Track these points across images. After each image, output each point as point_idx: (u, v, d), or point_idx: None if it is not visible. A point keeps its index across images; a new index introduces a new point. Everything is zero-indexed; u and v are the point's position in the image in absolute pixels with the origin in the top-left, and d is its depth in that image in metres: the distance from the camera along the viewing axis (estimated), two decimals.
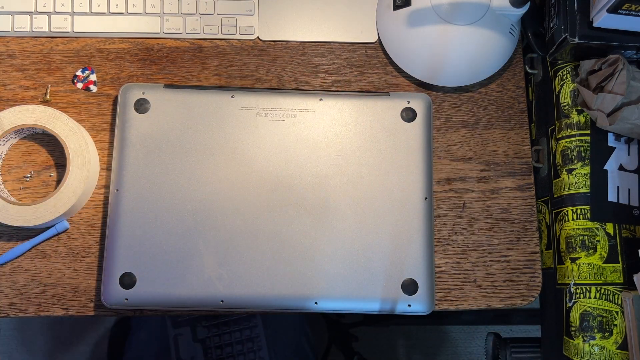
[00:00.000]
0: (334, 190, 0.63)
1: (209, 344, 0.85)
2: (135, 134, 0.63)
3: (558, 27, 0.61)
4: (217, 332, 0.86)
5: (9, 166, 0.66)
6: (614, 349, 0.58)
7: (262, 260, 0.61)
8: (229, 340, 0.86)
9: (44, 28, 0.68)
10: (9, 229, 0.64)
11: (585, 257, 0.60)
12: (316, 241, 0.61)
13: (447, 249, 0.66)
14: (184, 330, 0.85)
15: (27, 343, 1.44)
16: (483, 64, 0.67)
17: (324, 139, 0.64)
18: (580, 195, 0.62)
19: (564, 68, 0.65)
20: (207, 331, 0.86)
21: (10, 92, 0.67)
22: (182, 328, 0.85)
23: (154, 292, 0.60)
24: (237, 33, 0.69)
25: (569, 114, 0.63)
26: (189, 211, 0.61)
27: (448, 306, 0.65)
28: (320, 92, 0.66)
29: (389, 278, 0.61)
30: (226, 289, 0.60)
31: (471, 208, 0.67)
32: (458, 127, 0.69)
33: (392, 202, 0.62)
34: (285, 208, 0.62)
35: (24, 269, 0.64)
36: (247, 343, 0.86)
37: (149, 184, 0.62)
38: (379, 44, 0.70)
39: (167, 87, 0.64)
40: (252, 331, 0.86)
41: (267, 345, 0.85)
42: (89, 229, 0.64)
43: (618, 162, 0.62)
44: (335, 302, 0.61)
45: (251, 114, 0.64)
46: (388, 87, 0.69)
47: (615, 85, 0.58)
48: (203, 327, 0.85)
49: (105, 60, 0.68)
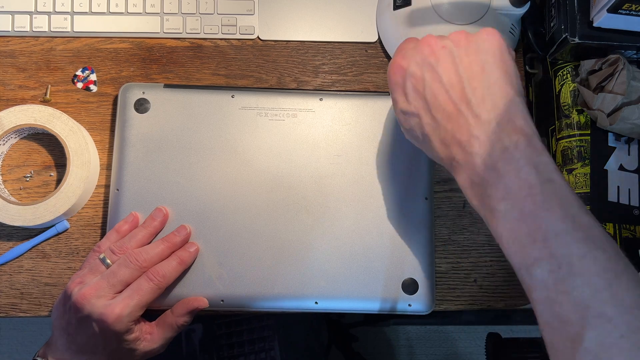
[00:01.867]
0: (334, 190, 0.63)
1: (220, 342, 0.85)
2: (136, 134, 0.63)
3: (558, 27, 0.61)
4: (229, 330, 0.86)
5: (9, 166, 0.66)
6: None
7: (262, 260, 0.61)
8: (241, 339, 0.86)
9: (44, 28, 0.68)
10: (9, 229, 0.64)
11: None
12: (316, 241, 0.61)
13: (447, 249, 0.66)
14: (196, 327, 0.85)
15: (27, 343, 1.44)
16: None
17: (325, 138, 0.64)
18: (581, 195, 0.62)
19: (564, 68, 0.65)
20: (219, 328, 0.86)
21: (10, 92, 0.67)
22: (195, 324, 0.85)
23: None
24: (237, 33, 0.69)
25: (569, 114, 0.63)
26: (189, 211, 0.61)
27: (448, 306, 0.65)
28: (320, 91, 0.66)
29: (389, 278, 0.61)
30: (226, 289, 0.60)
31: (471, 208, 0.67)
32: None
33: (393, 202, 0.62)
34: (285, 207, 0.62)
35: (24, 269, 0.64)
36: (259, 342, 0.86)
37: (149, 183, 0.62)
38: (379, 44, 0.70)
39: (167, 87, 0.64)
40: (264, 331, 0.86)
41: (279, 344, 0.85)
42: (89, 229, 0.64)
43: (618, 162, 0.62)
44: (335, 302, 0.61)
45: (251, 113, 0.64)
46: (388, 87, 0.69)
47: (616, 85, 0.58)
48: (215, 324, 0.86)
49: (105, 60, 0.68)
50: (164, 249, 0.58)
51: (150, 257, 0.56)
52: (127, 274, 0.55)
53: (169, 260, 0.58)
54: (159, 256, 0.57)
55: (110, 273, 0.55)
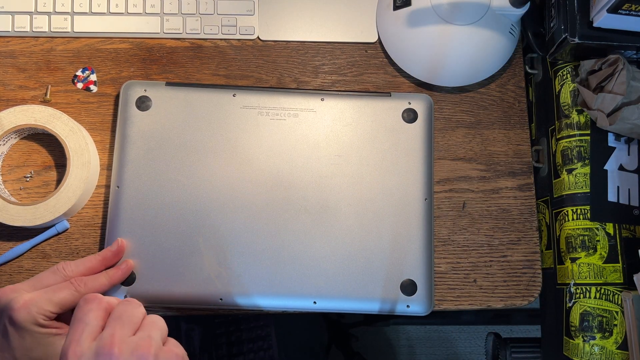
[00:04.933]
0: (334, 190, 0.63)
1: (220, 341, 0.85)
2: (137, 132, 0.63)
3: (558, 27, 0.61)
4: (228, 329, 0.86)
5: (9, 166, 0.66)
6: (614, 349, 0.58)
7: (261, 259, 0.61)
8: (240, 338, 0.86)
9: (44, 28, 0.68)
10: (9, 229, 0.64)
11: (585, 257, 0.60)
12: (316, 241, 0.61)
13: (447, 249, 0.66)
14: (195, 326, 0.85)
15: None
16: (483, 64, 0.67)
17: (325, 138, 0.64)
18: (580, 195, 0.62)
19: (564, 68, 0.65)
20: (218, 328, 0.86)
21: (10, 92, 0.67)
22: (194, 323, 0.85)
23: (154, 289, 0.60)
24: (237, 33, 0.69)
25: (569, 114, 0.63)
26: (189, 209, 0.61)
27: (448, 306, 0.65)
28: (321, 91, 0.66)
29: (388, 278, 0.61)
30: (225, 288, 0.60)
31: (471, 208, 0.67)
32: (458, 127, 0.69)
33: (392, 203, 0.62)
34: (285, 207, 0.62)
35: (24, 269, 0.64)
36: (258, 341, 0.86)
37: (150, 181, 0.62)
38: (379, 44, 0.70)
39: (169, 85, 0.64)
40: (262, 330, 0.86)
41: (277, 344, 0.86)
42: (89, 229, 0.64)
43: (618, 162, 0.62)
44: (334, 302, 0.61)
45: (252, 112, 0.64)
46: (388, 87, 0.69)
47: (615, 85, 0.58)
48: (215, 323, 0.86)
49: (105, 60, 0.68)
50: (95, 262, 0.58)
51: (79, 270, 0.57)
52: (51, 280, 0.55)
53: (98, 276, 0.58)
54: (89, 270, 0.58)
55: (35, 277, 0.55)
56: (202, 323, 0.86)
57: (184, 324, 0.87)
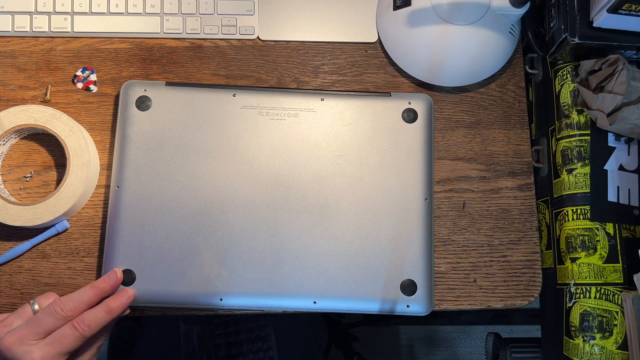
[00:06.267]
0: (334, 190, 0.63)
1: (219, 342, 0.85)
2: (137, 131, 0.63)
3: (558, 27, 0.61)
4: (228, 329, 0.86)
5: (9, 166, 0.66)
6: (614, 349, 0.58)
7: (261, 259, 0.61)
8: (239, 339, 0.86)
9: (44, 28, 0.68)
10: (9, 229, 0.64)
11: (585, 257, 0.60)
12: (316, 241, 0.61)
13: (447, 249, 0.66)
14: (194, 327, 0.85)
15: None
16: (483, 64, 0.67)
17: (325, 138, 0.64)
18: (580, 195, 0.62)
19: (564, 68, 0.65)
20: (218, 328, 0.86)
21: (10, 92, 0.67)
22: (193, 324, 0.85)
23: (153, 289, 0.60)
24: (237, 33, 0.69)
25: (569, 114, 0.63)
26: (189, 209, 0.61)
27: (448, 306, 0.65)
28: (321, 91, 0.66)
29: (388, 278, 0.61)
30: (225, 288, 0.60)
31: (471, 208, 0.67)
32: (458, 127, 0.69)
33: (392, 203, 0.62)
34: (285, 207, 0.62)
35: (24, 269, 0.64)
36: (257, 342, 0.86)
37: (150, 181, 0.62)
38: (379, 44, 0.70)
39: (169, 85, 0.64)
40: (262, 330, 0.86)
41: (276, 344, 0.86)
42: (89, 229, 0.64)
43: (618, 162, 0.62)
44: (334, 302, 0.61)
45: (252, 112, 0.64)
46: (388, 87, 0.69)
47: (615, 85, 0.58)
48: (214, 324, 0.86)
49: (105, 60, 0.68)
50: (92, 296, 0.56)
51: (77, 306, 0.55)
52: (51, 324, 0.53)
53: (97, 309, 0.55)
54: (86, 304, 0.55)
55: (34, 321, 0.54)
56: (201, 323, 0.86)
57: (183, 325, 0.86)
